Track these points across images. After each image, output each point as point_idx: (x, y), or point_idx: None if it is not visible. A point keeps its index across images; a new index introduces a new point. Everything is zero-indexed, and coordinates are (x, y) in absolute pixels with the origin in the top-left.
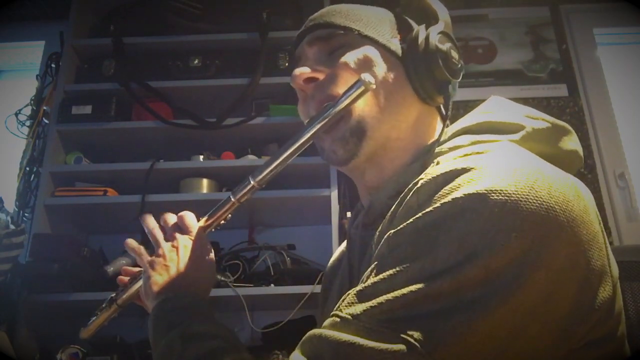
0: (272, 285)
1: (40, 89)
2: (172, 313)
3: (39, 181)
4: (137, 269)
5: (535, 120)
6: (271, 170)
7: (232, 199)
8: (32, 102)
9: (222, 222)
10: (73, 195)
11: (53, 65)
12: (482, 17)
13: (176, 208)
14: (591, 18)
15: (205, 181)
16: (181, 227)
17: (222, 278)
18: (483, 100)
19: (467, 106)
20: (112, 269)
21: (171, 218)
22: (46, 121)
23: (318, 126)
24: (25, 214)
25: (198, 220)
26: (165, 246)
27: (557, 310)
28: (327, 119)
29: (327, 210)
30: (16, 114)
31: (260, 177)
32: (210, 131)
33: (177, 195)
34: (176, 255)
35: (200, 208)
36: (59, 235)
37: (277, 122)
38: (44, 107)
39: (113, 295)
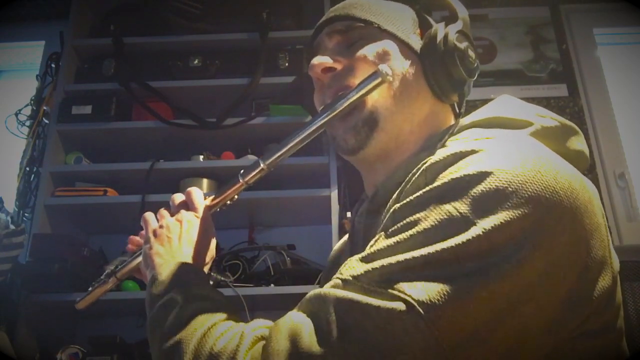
0: (272, 285)
1: (40, 89)
2: (171, 276)
3: (39, 181)
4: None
5: (544, 118)
6: (282, 155)
7: (241, 180)
8: (32, 102)
9: (228, 202)
10: (73, 195)
11: (53, 65)
12: (482, 17)
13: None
14: (591, 18)
15: (205, 181)
16: (187, 204)
17: (222, 278)
18: (483, 100)
19: (467, 106)
20: (112, 268)
21: (179, 197)
22: (46, 121)
23: (332, 114)
24: (25, 214)
25: (205, 199)
26: (170, 219)
27: (554, 293)
28: (341, 107)
29: (327, 210)
30: (16, 114)
31: (270, 160)
32: (210, 131)
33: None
34: (179, 228)
35: None
36: (59, 235)
37: (277, 122)
38: (44, 107)
39: (112, 267)
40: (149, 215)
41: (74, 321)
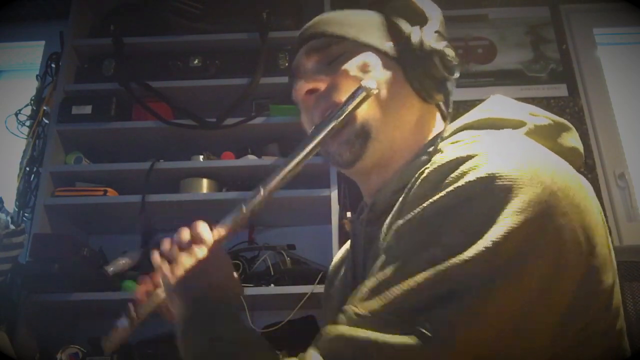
0: (272, 285)
1: (40, 89)
2: (198, 325)
3: (39, 181)
4: (150, 283)
5: (537, 117)
6: (281, 179)
7: (243, 209)
8: (32, 102)
9: (234, 233)
10: (73, 195)
11: (53, 65)
12: (482, 17)
13: (176, 208)
14: (591, 18)
15: (205, 181)
16: (196, 240)
17: None
18: (483, 100)
19: (467, 106)
20: (112, 269)
21: (185, 233)
22: (46, 121)
23: (324, 133)
24: (25, 214)
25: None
26: (184, 258)
27: (563, 291)
28: (332, 126)
29: (327, 210)
30: (16, 114)
31: (271, 186)
32: (210, 131)
33: (177, 195)
34: (197, 266)
35: (200, 208)
36: (59, 235)
37: (277, 122)
38: (44, 107)
39: (131, 309)
40: (162, 262)
41: (74, 321)
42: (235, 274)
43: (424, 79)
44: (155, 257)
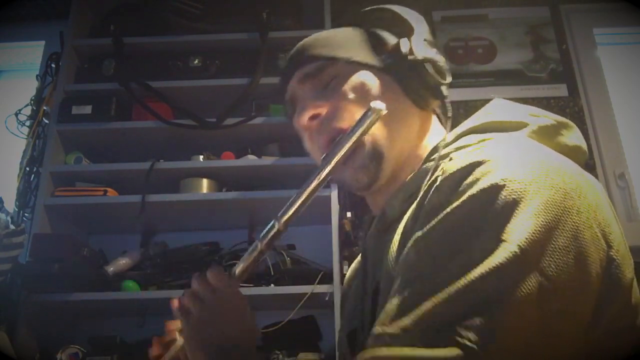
0: (272, 285)
1: (40, 89)
2: None
3: (39, 181)
4: (167, 338)
5: (539, 117)
6: (296, 211)
7: (260, 246)
8: (32, 102)
9: (252, 268)
10: (73, 195)
11: (53, 65)
12: (482, 17)
13: (176, 208)
14: (591, 18)
15: (205, 181)
16: (212, 287)
17: None
18: (483, 100)
19: (467, 106)
20: (112, 269)
21: (200, 280)
22: (46, 121)
23: (335, 160)
24: (25, 214)
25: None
26: (200, 306)
27: (588, 288)
28: (344, 152)
29: (327, 210)
30: (16, 114)
31: (286, 218)
32: (210, 131)
33: (177, 195)
34: (214, 312)
35: (200, 208)
36: (59, 235)
37: (277, 122)
38: (44, 107)
39: None
40: (178, 308)
41: (74, 321)
42: (251, 314)
43: (420, 88)
44: (174, 306)
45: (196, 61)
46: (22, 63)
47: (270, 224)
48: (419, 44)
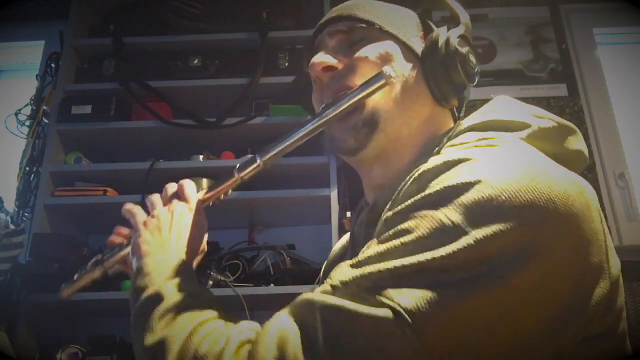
0: (272, 285)
1: (40, 89)
2: (157, 269)
3: (39, 181)
4: (130, 231)
5: (542, 119)
6: (279, 152)
7: (237, 175)
8: (32, 102)
9: (223, 197)
10: (73, 195)
11: (53, 65)
12: (482, 17)
13: None
14: (591, 18)
15: (205, 181)
16: (180, 196)
17: (222, 278)
18: (483, 100)
19: (467, 106)
20: (107, 257)
21: (172, 187)
22: (46, 121)
23: (333, 113)
24: (25, 214)
25: (198, 192)
26: (162, 209)
27: (550, 302)
28: (343, 107)
29: (327, 210)
30: (16, 114)
31: (268, 156)
32: (210, 131)
33: None
34: (171, 218)
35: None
36: (59, 235)
37: (277, 122)
38: (44, 107)
39: (99, 257)
40: (134, 207)
41: (74, 321)
42: (205, 232)
43: (443, 80)
44: (131, 208)
45: (196, 61)
46: (22, 63)
47: (252, 157)
48: (455, 39)
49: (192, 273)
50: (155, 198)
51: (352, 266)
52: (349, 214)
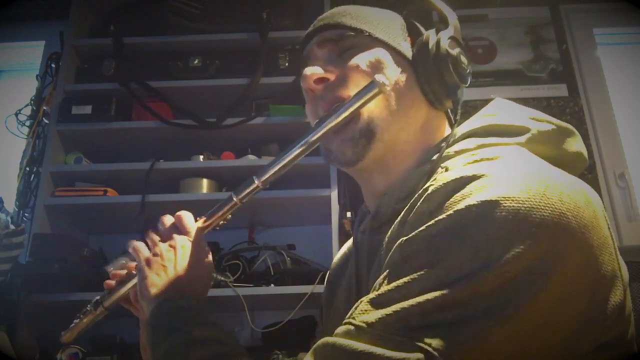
0: (272, 285)
1: (40, 89)
2: (171, 316)
3: (39, 181)
4: (125, 272)
5: (540, 122)
6: (277, 171)
7: (234, 199)
8: (32, 102)
9: (222, 222)
10: (73, 195)
11: (53, 65)
12: (482, 17)
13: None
14: (591, 18)
15: (205, 181)
16: (179, 228)
17: (222, 278)
18: (483, 100)
19: (467, 106)
20: (112, 269)
21: (168, 219)
22: (46, 121)
23: (328, 126)
24: (25, 214)
25: (196, 220)
26: (163, 246)
27: (570, 316)
28: (338, 119)
29: (327, 210)
30: (16, 114)
31: (265, 177)
32: (210, 131)
33: (177, 195)
34: (174, 255)
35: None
36: (59, 235)
37: (277, 122)
38: (44, 107)
39: (98, 297)
40: (139, 244)
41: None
42: (211, 261)
43: (435, 83)
44: (135, 245)
45: (196, 61)
46: (22, 63)
47: (249, 179)
48: (445, 40)
49: (204, 312)
50: (153, 235)
51: (374, 303)
52: (349, 214)
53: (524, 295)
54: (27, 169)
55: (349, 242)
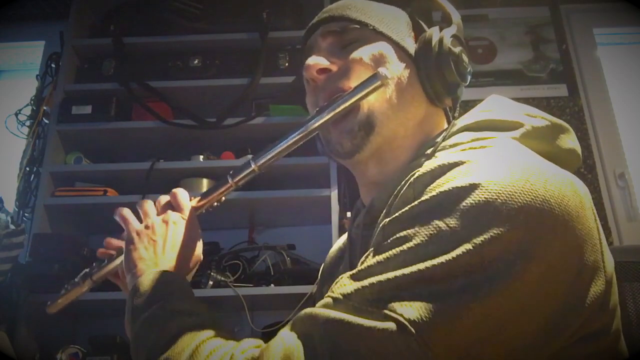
0: (272, 285)
1: (40, 89)
2: (154, 288)
3: (39, 181)
4: (121, 242)
5: (534, 118)
6: (274, 156)
7: (230, 181)
8: (32, 102)
9: (216, 203)
10: (73, 195)
11: (53, 65)
12: (482, 17)
13: None
14: (591, 18)
15: (205, 181)
16: (173, 205)
17: (222, 278)
18: (482, 101)
19: (467, 106)
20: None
21: (164, 198)
22: (46, 121)
23: (328, 116)
24: (25, 214)
25: (191, 200)
26: (156, 219)
27: (548, 303)
28: (338, 109)
29: (327, 210)
30: (16, 114)
31: (262, 161)
32: (210, 131)
33: None
34: (165, 230)
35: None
36: (59, 235)
37: (277, 122)
38: (44, 107)
39: (87, 270)
40: (128, 213)
41: (74, 321)
42: (200, 242)
43: (436, 80)
44: (124, 213)
45: (196, 61)
46: (22, 63)
47: (246, 162)
48: (448, 38)
49: (189, 289)
50: (149, 205)
51: (353, 277)
52: (349, 214)
53: (501, 277)
54: (27, 169)
55: (344, 237)
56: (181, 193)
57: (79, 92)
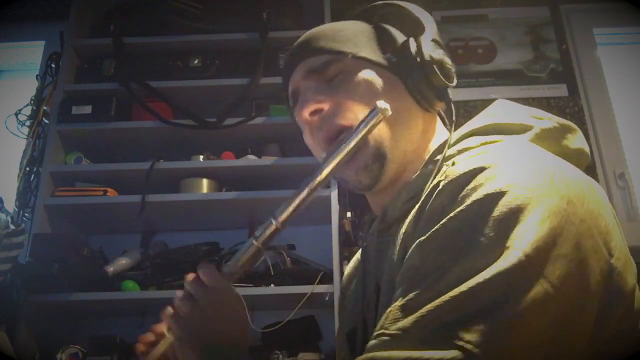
0: (272, 285)
1: (40, 89)
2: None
3: (39, 181)
4: (152, 336)
5: (542, 120)
6: (294, 210)
7: (255, 243)
8: (32, 102)
9: (248, 269)
10: (73, 195)
11: (53, 65)
12: (482, 17)
13: (176, 208)
14: (591, 18)
15: (205, 181)
16: (203, 285)
17: None
18: (483, 100)
19: (467, 106)
20: (112, 269)
21: (191, 277)
22: (46, 121)
23: (338, 159)
24: (25, 214)
25: (219, 270)
26: (191, 307)
27: (590, 296)
28: (347, 151)
29: (327, 210)
30: (16, 114)
31: (283, 217)
32: (210, 131)
33: (177, 195)
34: (204, 315)
35: (200, 208)
36: (59, 235)
37: (277, 122)
38: (44, 107)
39: None
40: (169, 309)
41: (74, 321)
42: (244, 313)
43: (425, 89)
44: (166, 310)
45: (196, 61)
46: (22, 63)
47: (267, 221)
48: (428, 44)
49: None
50: (179, 294)
51: (404, 309)
52: (349, 214)
53: (550, 277)
54: (27, 169)
55: (358, 254)
56: (206, 270)
57: (79, 92)
